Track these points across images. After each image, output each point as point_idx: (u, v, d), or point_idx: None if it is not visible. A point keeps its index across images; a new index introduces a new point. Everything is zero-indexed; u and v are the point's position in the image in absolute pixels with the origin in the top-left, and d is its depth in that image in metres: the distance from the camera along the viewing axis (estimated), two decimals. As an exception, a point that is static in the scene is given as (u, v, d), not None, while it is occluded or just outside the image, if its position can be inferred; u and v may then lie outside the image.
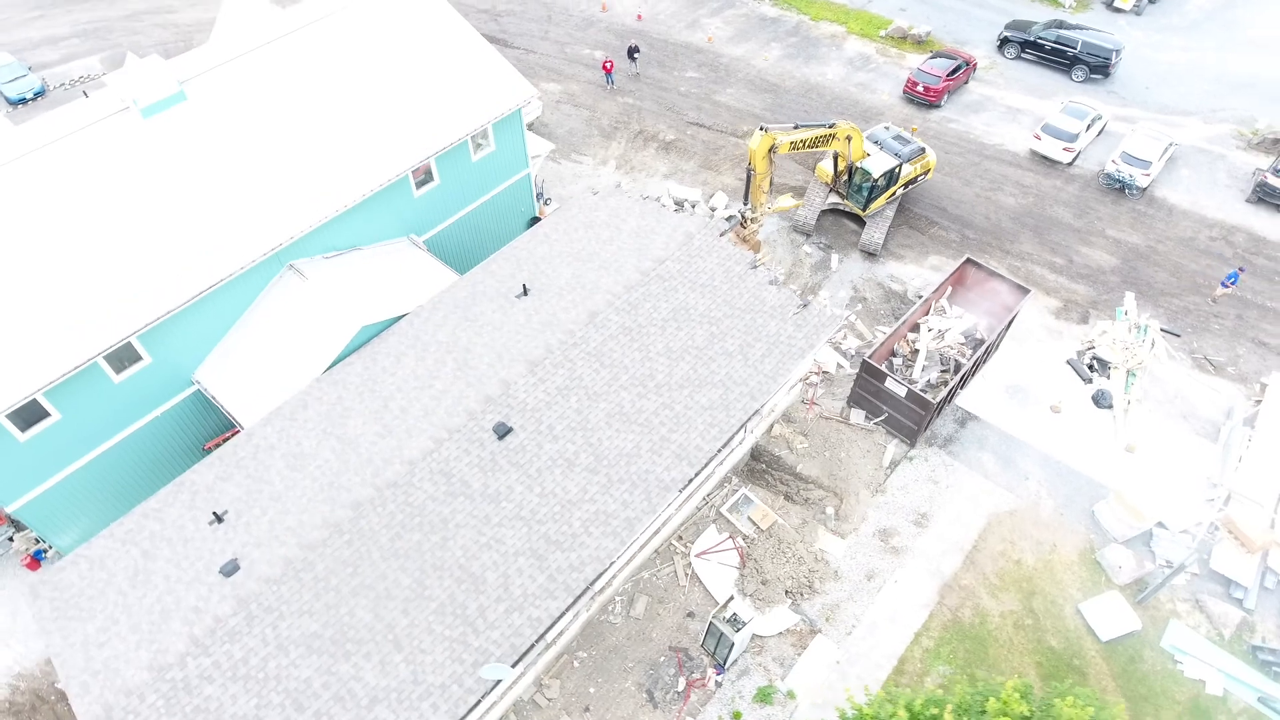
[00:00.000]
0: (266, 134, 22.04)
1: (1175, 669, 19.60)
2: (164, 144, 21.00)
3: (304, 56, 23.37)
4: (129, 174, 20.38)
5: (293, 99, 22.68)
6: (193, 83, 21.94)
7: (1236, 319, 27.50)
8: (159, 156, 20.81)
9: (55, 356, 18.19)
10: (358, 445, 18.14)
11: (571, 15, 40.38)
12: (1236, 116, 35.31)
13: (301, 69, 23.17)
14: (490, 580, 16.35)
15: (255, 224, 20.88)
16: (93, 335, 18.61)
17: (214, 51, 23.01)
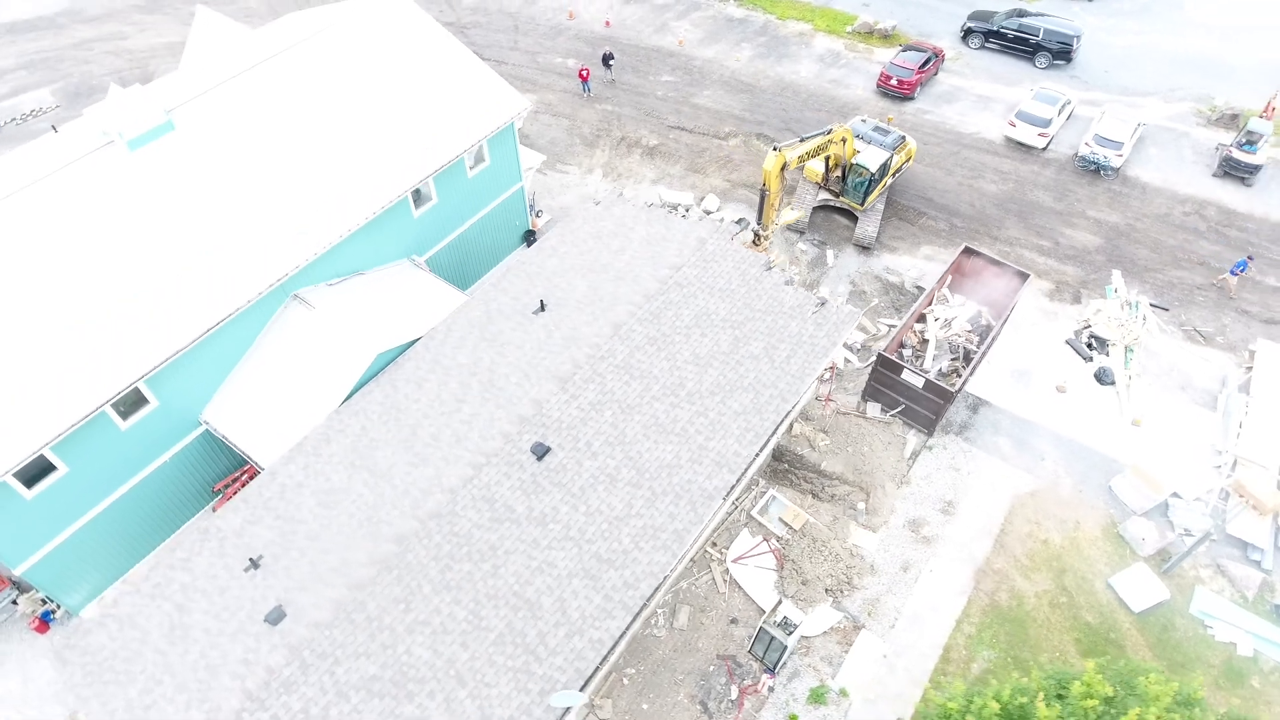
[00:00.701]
0: (261, 161, 21.29)
1: (1206, 634, 20.15)
2: (154, 176, 20.13)
3: (292, 78, 22.65)
4: (120, 210, 19.47)
5: (285, 123, 21.96)
6: (179, 111, 21.09)
7: (1218, 290, 28.49)
8: (150, 190, 19.94)
9: (61, 407, 17.26)
10: (391, 477, 17.59)
11: (538, 25, 40.02)
12: (1193, 95, 36.64)
13: (291, 91, 22.46)
14: (546, 605, 16.00)
15: (258, 255, 20.14)
16: (99, 382, 17.70)
17: (197, 77, 22.18)
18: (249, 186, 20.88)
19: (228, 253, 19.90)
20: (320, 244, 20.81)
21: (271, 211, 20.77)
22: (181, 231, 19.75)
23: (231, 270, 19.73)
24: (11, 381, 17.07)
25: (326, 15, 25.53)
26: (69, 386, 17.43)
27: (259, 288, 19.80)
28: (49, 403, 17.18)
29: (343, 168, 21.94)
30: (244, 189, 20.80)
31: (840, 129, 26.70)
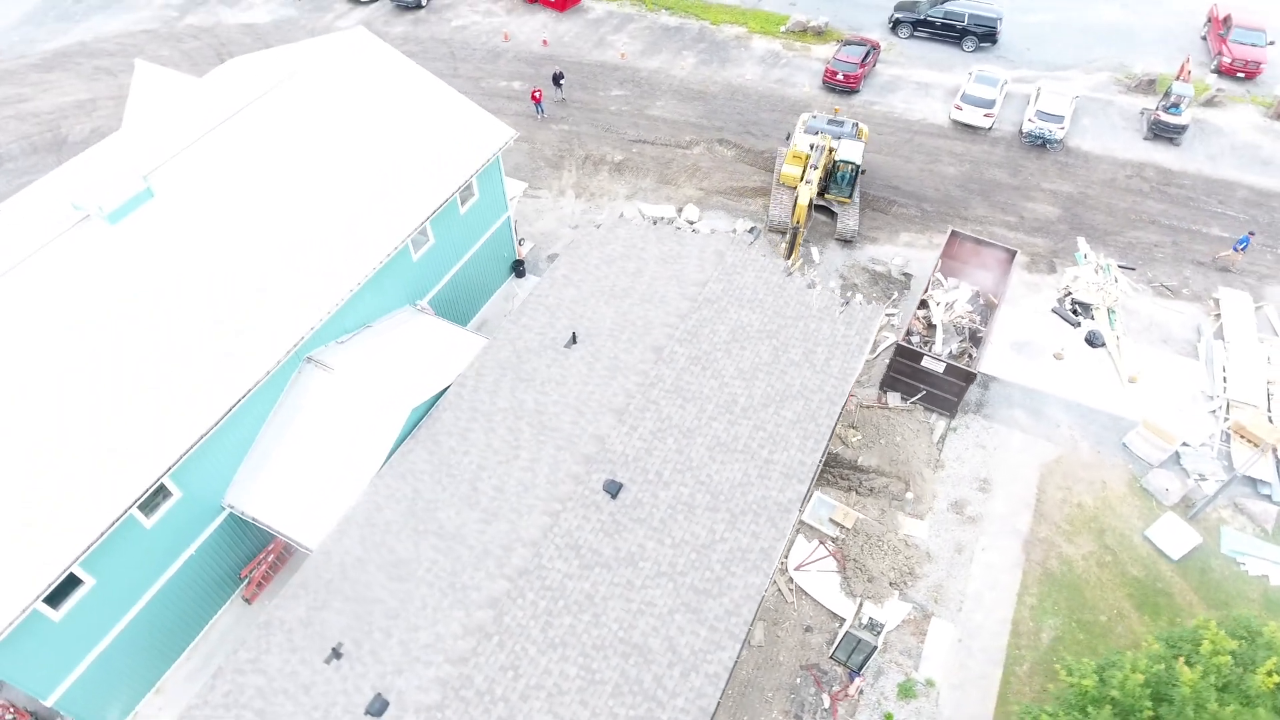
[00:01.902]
0: (251, 221, 19.89)
1: (1240, 570, 21.37)
2: (140, 251, 18.52)
3: (269, 129, 21.30)
4: (110, 291, 17.80)
5: (271, 177, 20.61)
6: (155, 176, 19.49)
7: (1173, 245, 30.38)
8: (138, 266, 18.31)
9: (86, 514, 15.60)
10: (463, 538, 16.70)
11: (474, 49, 39.08)
12: (1110, 64, 39.05)
13: (271, 143, 21.11)
14: (655, 647, 15.51)
15: (268, 322, 18.78)
16: (125, 482, 16.10)
17: (165, 136, 20.56)
18: (243, 250, 19.47)
19: (236, 324, 18.47)
20: (331, 301, 19.60)
21: (273, 274, 19.43)
22: (181, 308, 18.22)
23: (244, 342, 18.32)
24: (29, 494, 15.33)
25: (281, 58, 24.17)
26: (92, 491, 15.79)
27: (276, 356, 18.47)
28: (73, 512, 15.50)
29: (341, 218, 20.75)
30: (239, 253, 19.38)
31: (820, 138, 27.35)
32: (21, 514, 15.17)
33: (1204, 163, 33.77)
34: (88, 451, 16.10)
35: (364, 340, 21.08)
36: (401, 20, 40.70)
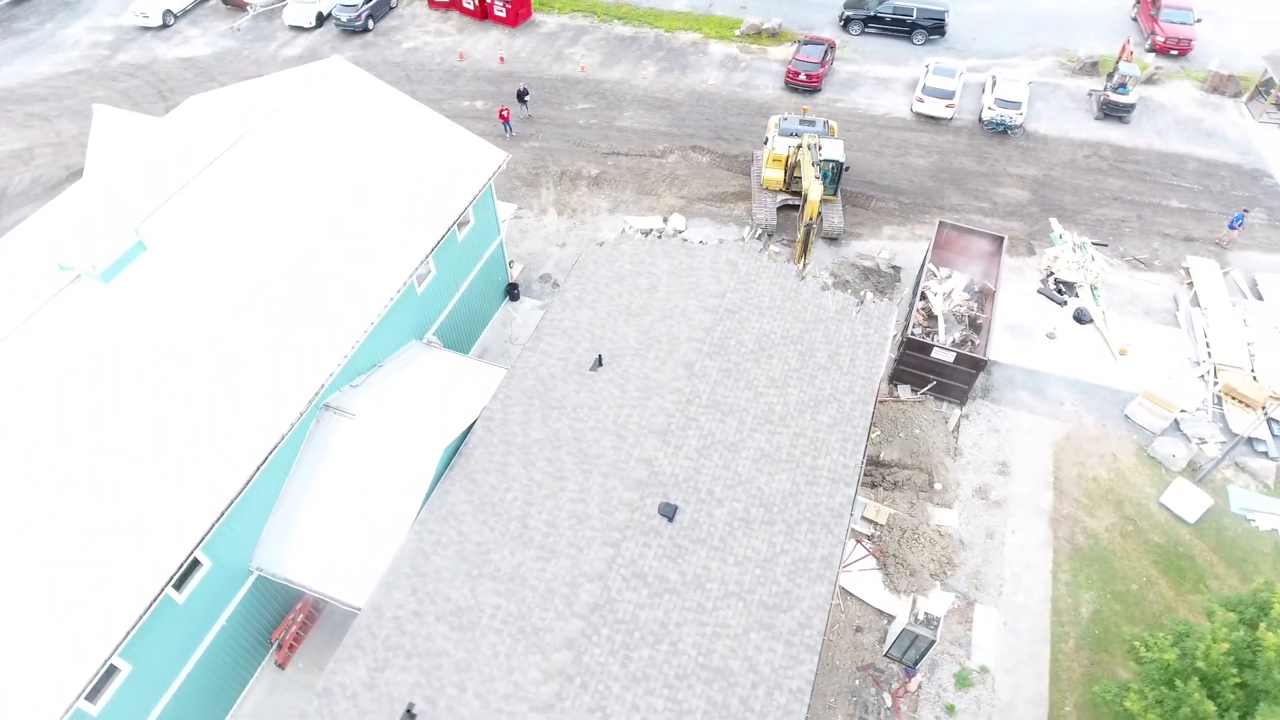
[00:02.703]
0: (252, 268, 18.94)
1: (1252, 527, 22.30)
2: (139, 309, 17.43)
3: (259, 169, 20.34)
4: (111, 355, 16.71)
5: (267, 219, 19.68)
6: (145, 227, 18.37)
7: (1138, 219, 31.65)
8: (138, 325, 17.23)
9: (120, 601, 14.55)
10: (524, 578, 16.16)
11: (430, 71, 38.21)
12: (1052, 49, 40.53)
13: (262, 183, 20.15)
14: (735, 668, 15.27)
15: (283, 373, 17.89)
16: (154, 561, 15.07)
17: (147, 183, 19.41)
18: (247, 300, 18.51)
19: (250, 378, 17.53)
20: (348, 344, 18.81)
21: (282, 321, 18.53)
22: (190, 367, 17.20)
23: (262, 396, 17.40)
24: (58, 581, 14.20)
25: (249, 93, 23.17)
26: (124, 575, 14.73)
27: (298, 407, 17.60)
28: (107, 599, 14.44)
29: (345, 256, 19.94)
30: (242, 304, 18.42)
31: (804, 138, 27.61)
32: (52, 604, 14.05)
33: (1153, 138, 35.31)
34: (113, 532, 15.04)
35: (379, 381, 20.28)
36: (349, 45, 39.55)
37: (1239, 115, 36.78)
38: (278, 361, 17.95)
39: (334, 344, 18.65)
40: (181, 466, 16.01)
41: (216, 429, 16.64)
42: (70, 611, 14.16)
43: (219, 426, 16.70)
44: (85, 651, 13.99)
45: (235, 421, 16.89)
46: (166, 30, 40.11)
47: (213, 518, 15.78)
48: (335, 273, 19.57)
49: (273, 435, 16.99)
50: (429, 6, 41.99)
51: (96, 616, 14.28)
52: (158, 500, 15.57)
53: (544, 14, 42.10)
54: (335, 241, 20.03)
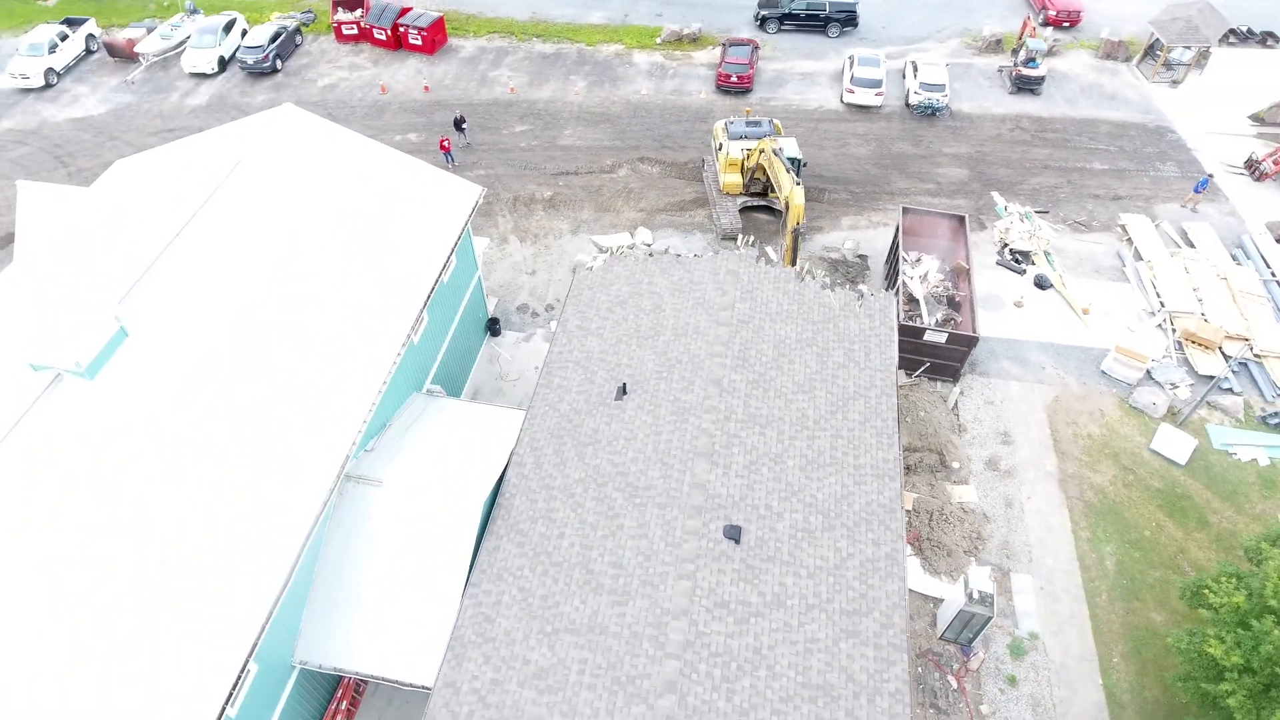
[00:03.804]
0: (245, 338, 17.53)
1: (1234, 460, 23.86)
2: (131, 404, 15.83)
3: (233, 232, 18.87)
4: (112, 463, 15.09)
5: (251, 286, 18.27)
6: (123, 310, 16.72)
7: (1069, 184, 33.48)
8: (134, 424, 15.65)
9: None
10: (603, 627, 15.54)
11: (353, 107, 36.59)
12: (956, 30, 42.48)
13: (239, 247, 18.71)
14: (835, 682, 15.14)
15: (298, 451, 16.61)
16: (205, 675, 13.70)
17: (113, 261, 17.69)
18: (247, 375, 17.11)
19: (268, 460, 16.20)
20: (363, 408, 17.65)
21: (289, 393, 17.22)
22: (201, 458, 15.74)
23: (284, 479, 16.09)
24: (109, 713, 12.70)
25: (189, 151, 21.55)
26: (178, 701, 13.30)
27: (326, 483, 16.37)
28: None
29: (340, 315, 18.72)
30: (243, 380, 17.01)
31: (761, 142, 27.89)
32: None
33: (1065, 107, 37.47)
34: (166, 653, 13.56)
35: (393, 441, 19.14)
36: (260, 88, 37.43)
37: (1133, 78, 39.50)
38: (294, 437, 16.66)
39: (349, 409, 17.47)
40: (217, 568, 14.62)
41: (244, 520, 15.28)
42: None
43: (246, 517, 15.34)
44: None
45: (262, 508, 15.55)
46: (51, 90, 36.89)
47: (261, 619, 14.47)
48: (335, 333, 18.36)
49: (306, 517, 15.74)
50: (337, 40, 40.23)
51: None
52: (199, 609, 14.15)
53: (460, 38, 41.05)
54: (328, 299, 18.79)
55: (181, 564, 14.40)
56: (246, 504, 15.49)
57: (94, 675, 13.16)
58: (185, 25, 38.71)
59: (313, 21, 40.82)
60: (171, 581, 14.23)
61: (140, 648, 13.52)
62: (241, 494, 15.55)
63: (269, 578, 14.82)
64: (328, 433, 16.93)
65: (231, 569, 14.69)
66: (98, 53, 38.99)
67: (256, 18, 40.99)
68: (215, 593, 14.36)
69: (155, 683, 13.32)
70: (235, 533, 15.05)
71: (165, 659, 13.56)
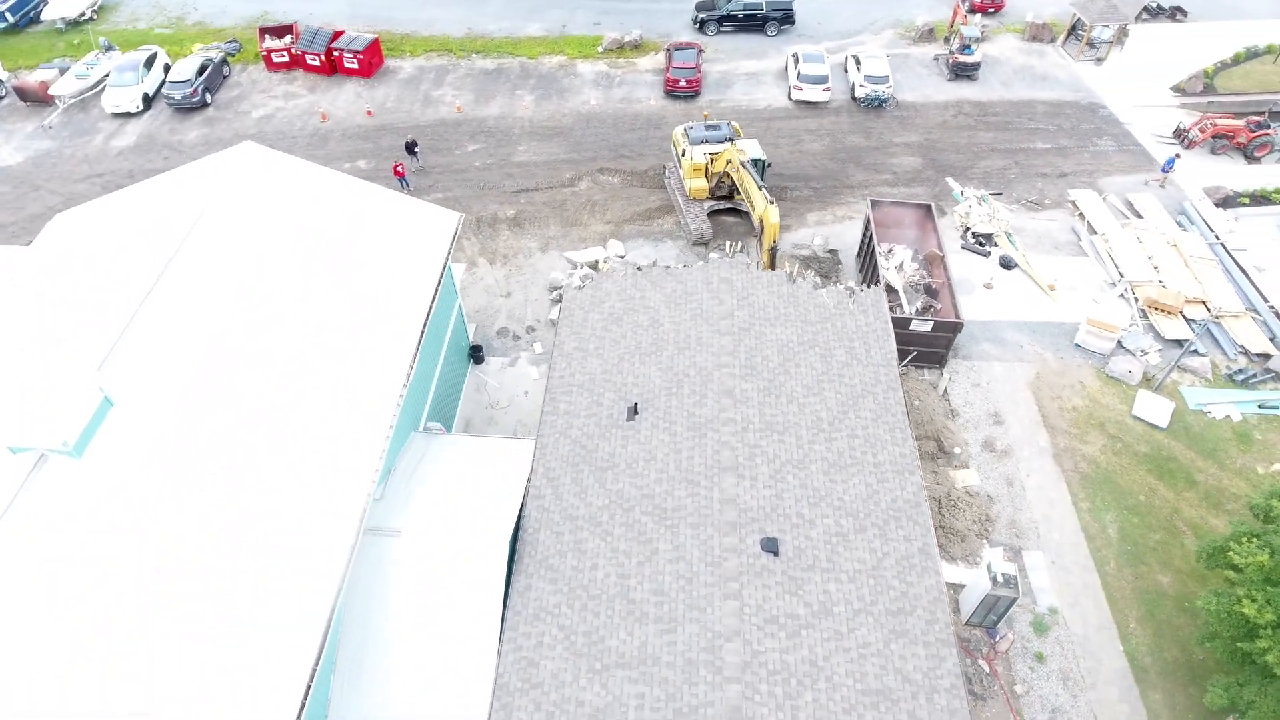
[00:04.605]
0: (238, 395, 16.49)
1: (1210, 419, 24.89)
2: (126, 481, 14.68)
3: (209, 282, 17.75)
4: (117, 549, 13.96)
5: (237, 336, 17.20)
6: (104, 378, 15.50)
7: (1017, 165, 34.52)
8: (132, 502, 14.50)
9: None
10: (655, 658, 15.12)
11: (294, 138, 35.14)
12: (889, 22, 43.40)
13: (218, 297, 17.60)
14: (891, 684, 15.09)
15: (314, 510, 15.70)
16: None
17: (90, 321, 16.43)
18: (246, 435, 16.10)
19: (283, 523, 15.25)
20: (375, 455, 16.80)
21: (294, 449, 16.26)
22: (212, 531, 14.70)
23: (304, 541, 15.17)
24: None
25: (141, 198, 20.29)
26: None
27: (348, 540, 15.50)
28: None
29: (334, 361, 17.80)
30: (242, 442, 15.99)
31: (727, 150, 27.90)
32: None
33: (1002, 90, 38.66)
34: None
35: (401, 486, 18.32)
36: (191, 124, 35.62)
37: (1060, 58, 41.04)
38: (306, 494, 15.73)
39: (360, 458, 16.61)
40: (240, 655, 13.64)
41: (266, 595, 14.32)
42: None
43: (268, 590, 14.38)
44: None
45: (286, 574, 14.62)
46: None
47: (296, 703, 13.56)
48: (332, 379, 17.44)
49: (333, 579, 14.86)
50: (268, 69, 38.59)
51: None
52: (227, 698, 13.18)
53: (397, 59, 39.89)
54: (319, 344, 17.85)
55: (204, 657, 13.39)
56: (266, 576, 14.52)
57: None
58: (102, 63, 36.55)
59: (239, 51, 39.06)
60: (194, 677, 13.20)
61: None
62: (258, 566, 14.57)
63: (300, 655, 13.91)
64: (341, 486, 16.05)
65: (258, 651, 13.73)
66: (7, 98, 36.47)
67: (177, 50, 39.00)
68: (243, 679, 13.40)
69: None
70: (257, 611, 14.08)
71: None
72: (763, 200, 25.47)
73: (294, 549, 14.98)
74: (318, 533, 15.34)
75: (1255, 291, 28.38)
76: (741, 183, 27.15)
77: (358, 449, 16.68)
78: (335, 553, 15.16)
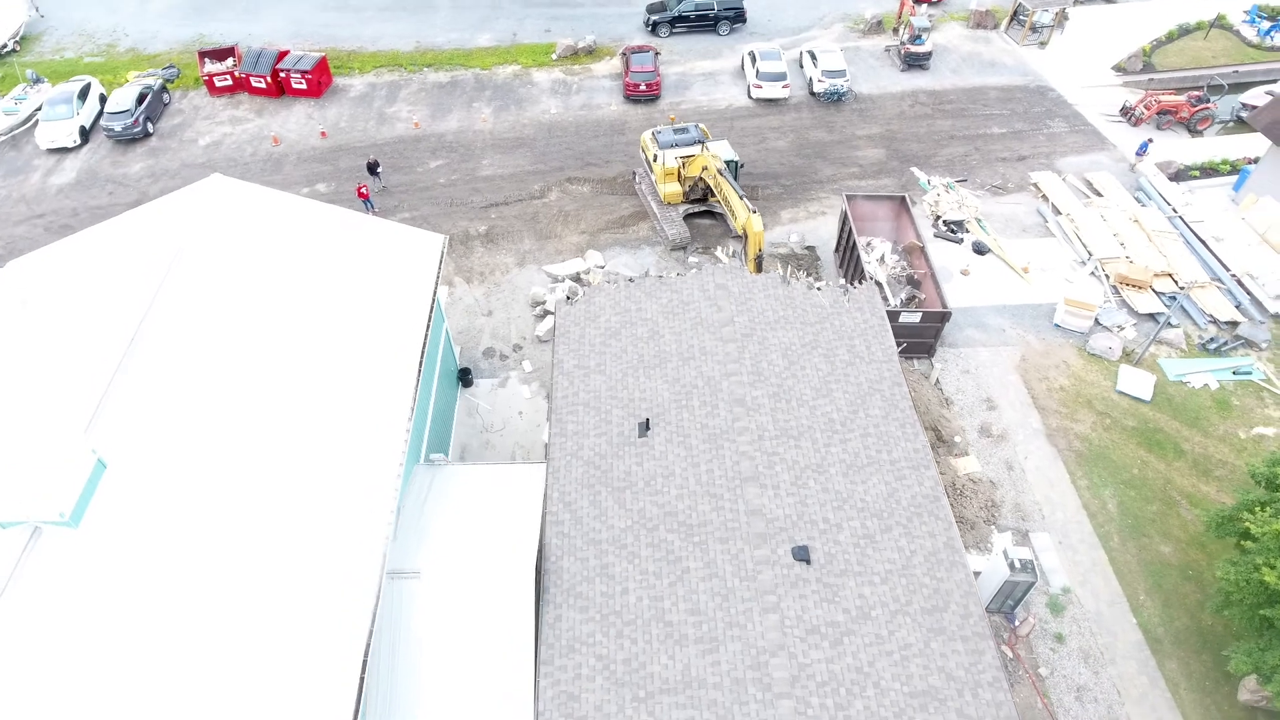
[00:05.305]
0: (236, 444, 15.63)
1: (1189, 388, 25.64)
2: (129, 548, 13.75)
3: (194, 327, 16.79)
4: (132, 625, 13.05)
5: (231, 382, 16.30)
6: (94, 439, 14.50)
7: (977, 151, 35.15)
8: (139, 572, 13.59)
9: None
10: (700, 679, 14.79)
11: (246, 164, 33.79)
12: (837, 16, 43.85)
13: (206, 342, 16.66)
14: (937, 683, 15.05)
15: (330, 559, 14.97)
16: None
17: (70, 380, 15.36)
18: (251, 484, 15.26)
19: (304, 575, 14.50)
20: (389, 495, 16.11)
21: (302, 495, 15.48)
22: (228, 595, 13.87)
23: (327, 596, 14.44)
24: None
25: (98, 241, 19.20)
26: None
27: (370, 589, 14.80)
28: None
29: (336, 398, 17.03)
30: (247, 491, 15.16)
31: (700, 157, 27.74)
32: None
33: (954, 78, 39.36)
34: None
35: (413, 523, 17.62)
36: (134, 156, 33.98)
37: (1005, 43, 41.99)
38: (323, 542, 14.96)
39: (372, 498, 15.89)
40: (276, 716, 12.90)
41: (291, 652, 13.56)
42: None
43: (293, 648, 13.62)
44: None
45: (308, 633, 13.87)
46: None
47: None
48: (333, 417, 16.67)
49: (359, 632, 14.16)
50: (210, 94, 37.03)
51: None
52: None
53: (345, 77, 38.72)
54: (316, 382, 17.04)
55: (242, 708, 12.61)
56: (287, 638, 13.76)
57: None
58: (31, 96, 34.59)
59: (177, 77, 37.42)
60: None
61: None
62: (279, 627, 13.80)
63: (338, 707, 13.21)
64: (357, 530, 15.33)
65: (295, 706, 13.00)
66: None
67: (111, 79, 37.17)
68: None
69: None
70: (283, 676, 13.32)
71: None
72: (745, 210, 25.29)
73: (314, 605, 14.23)
74: (337, 584, 14.61)
75: (1216, 261, 29.37)
76: (721, 193, 26.97)
77: (370, 488, 15.97)
78: (359, 604, 14.45)
